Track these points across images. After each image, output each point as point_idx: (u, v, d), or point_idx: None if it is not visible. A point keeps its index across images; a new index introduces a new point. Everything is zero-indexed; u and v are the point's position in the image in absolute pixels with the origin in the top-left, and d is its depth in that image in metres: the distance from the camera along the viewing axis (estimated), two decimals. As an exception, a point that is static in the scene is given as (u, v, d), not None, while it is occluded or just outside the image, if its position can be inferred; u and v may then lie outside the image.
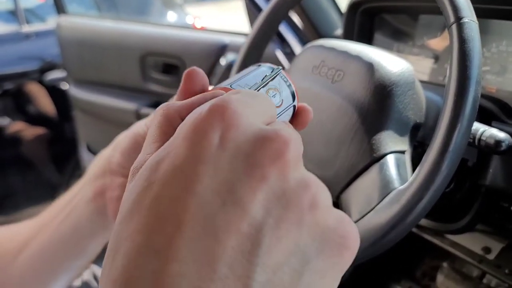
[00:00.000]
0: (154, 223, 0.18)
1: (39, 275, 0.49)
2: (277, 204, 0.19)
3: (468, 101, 0.42)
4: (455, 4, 0.44)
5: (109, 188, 0.44)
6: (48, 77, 1.73)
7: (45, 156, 1.94)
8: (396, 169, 0.49)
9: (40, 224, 0.49)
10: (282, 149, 0.19)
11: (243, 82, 0.33)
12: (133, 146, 0.42)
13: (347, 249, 0.20)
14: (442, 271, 0.90)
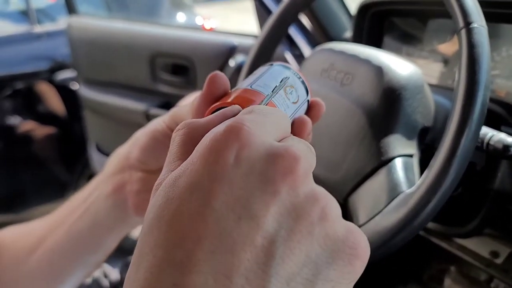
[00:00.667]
0: (174, 237, 0.19)
1: (56, 270, 0.50)
2: (288, 217, 0.20)
3: (477, 105, 0.42)
4: (465, 9, 0.45)
5: (129, 182, 0.45)
6: (58, 77, 1.75)
7: (55, 155, 1.96)
8: (404, 173, 0.49)
9: (56, 221, 0.51)
10: (292, 165, 0.20)
11: (262, 82, 0.34)
12: (151, 142, 0.43)
13: (358, 258, 0.21)
14: (450, 275, 0.90)
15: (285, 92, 0.34)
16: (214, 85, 0.33)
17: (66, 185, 1.94)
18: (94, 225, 0.48)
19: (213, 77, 0.33)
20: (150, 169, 0.45)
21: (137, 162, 0.45)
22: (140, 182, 0.45)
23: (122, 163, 0.46)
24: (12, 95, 1.76)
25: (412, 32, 0.78)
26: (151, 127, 0.44)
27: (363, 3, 0.79)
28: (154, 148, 0.43)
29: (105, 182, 0.47)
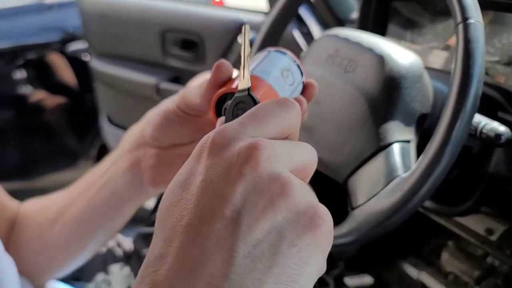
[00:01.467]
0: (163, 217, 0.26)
1: (77, 238, 0.55)
2: (253, 194, 0.24)
3: (469, 98, 0.45)
4: (463, 5, 0.47)
5: (144, 158, 0.50)
6: (69, 48, 1.77)
7: (66, 125, 2.00)
8: (401, 158, 0.52)
9: (76, 194, 0.55)
10: (254, 153, 0.25)
11: (262, 68, 0.38)
12: (163, 121, 0.47)
13: (317, 227, 0.24)
14: (447, 250, 0.94)
15: (282, 76, 0.38)
16: (219, 72, 0.38)
17: (77, 154, 1.99)
18: (113, 196, 0.53)
19: (219, 65, 0.38)
20: (162, 145, 0.49)
21: (151, 140, 0.49)
22: (155, 158, 0.49)
23: (137, 141, 0.50)
24: (24, 65, 1.79)
25: (415, 18, 0.80)
26: (163, 107, 0.48)
27: (369, -14, 0.80)
28: (166, 126, 0.47)
29: (122, 158, 0.52)
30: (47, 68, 1.84)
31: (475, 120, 0.54)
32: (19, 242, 0.57)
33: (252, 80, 0.35)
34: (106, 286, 0.72)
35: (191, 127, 0.47)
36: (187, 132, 0.47)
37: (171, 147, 0.49)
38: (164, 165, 0.49)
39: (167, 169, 0.49)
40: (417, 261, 0.99)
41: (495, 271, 0.85)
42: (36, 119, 1.90)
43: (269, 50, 0.41)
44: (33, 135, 1.91)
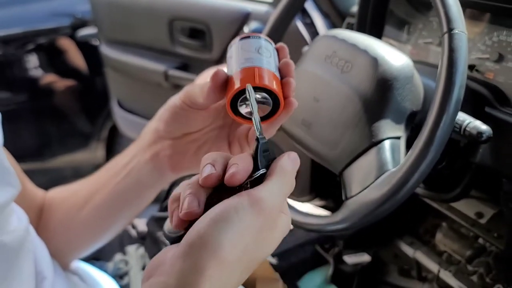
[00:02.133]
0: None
1: (102, 222, 0.63)
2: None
3: (452, 102, 0.50)
4: (449, 16, 0.51)
5: (161, 150, 0.58)
6: (79, 33, 1.81)
7: (77, 107, 2.05)
8: (391, 153, 0.58)
9: (100, 182, 0.63)
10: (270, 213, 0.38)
11: (243, 58, 0.44)
12: (172, 115, 0.55)
13: (276, 230, 0.40)
14: (441, 230, 0.99)
15: (260, 54, 0.45)
16: (217, 79, 0.44)
17: (88, 135, 2.05)
18: (137, 183, 0.61)
19: (215, 74, 0.45)
20: (175, 136, 0.56)
21: (164, 133, 0.56)
22: (171, 148, 0.57)
23: (153, 137, 0.58)
24: (35, 50, 1.84)
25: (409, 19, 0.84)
26: (170, 103, 0.55)
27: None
28: (175, 120, 0.55)
29: (142, 152, 0.59)
30: (58, 53, 1.88)
31: (459, 119, 0.59)
32: (48, 226, 0.64)
33: (245, 72, 0.42)
34: (124, 265, 0.79)
35: (197, 117, 0.54)
36: (194, 123, 0.55)
37: (182, 136, 0.56)
38: (180, 153, 0.57)
39: (183, 156, 0.57)
40: (413, 240, 1.04)
41: (486, 251, 0.91)
42: (49, 102, 1.95)
43: (234, 42, 0.48)
44: (46, 117, 1.97)
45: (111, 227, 0.65)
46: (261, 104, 0.42)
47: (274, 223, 0.37)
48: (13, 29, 1.76)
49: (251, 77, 0.41)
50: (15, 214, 0.51)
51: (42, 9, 1.85)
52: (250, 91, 0.39)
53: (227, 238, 0.34)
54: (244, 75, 0.42)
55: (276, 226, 0.38)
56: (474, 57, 0.73)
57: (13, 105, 1.86)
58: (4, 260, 0.45)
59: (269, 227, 0.37)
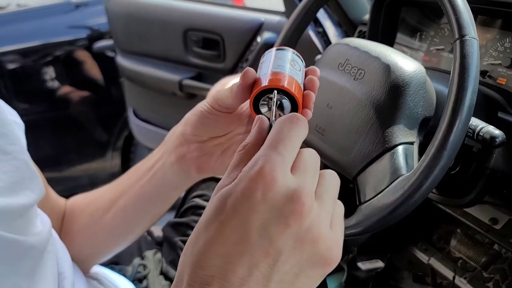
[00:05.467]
0: (218, 235, 0.33)
1: (128, 223, 0.66)
2: (292, 240, 0.32)
3: (464, 108, 0.51)
4: (460, 22, 0.52)
5: (188, 152, 0.60)
6: (96, 45, 1.85)
7: (93, 117, 2.09)
8: (404, 158, 0.58)
9: (125, 185, 0.66)
10: (301, 209, 0.32)
11: (276, 64, 0.48)
12: (200, 119, 0.57)
13: (329, 265, 0.34)
14: (456, 237, 0.99)
15: (292, 66, 0.48)
16: (247, 77, 0.47)
17: (105, 144, 2.08)
18: (163, 184, 0.63)
19: (246, 72, 0.48)
20: (202, 139, 0.59)
21: (192, 136, 0.59)
22: (197, 150, 0.60)
23: (180, 140, 0.60)
24: (52, 62, 1.88)
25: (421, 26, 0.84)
26: (198, 107, 0.58)
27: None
28: (203, 123, 0.57)
29: (168, 154, 0.62)
30: (75, 64, 1.93)
31: (472, 124, 0.59)
32: (71, 231, 0.66)
33: (275, 75, 0.46)
34: (142, 269, 0.80)
35: (224, 121, 0.57)
36: (221, 126, 0.57)
37: (209, 140, 0.59)
38: (206, 155, 0.60)
39: (209, 158, 0.60)
40: (427, 247, 1.04)
41: (501, 257, 0.90)
42: (65, 112, 2.00)
43: (272, 50, 0.52)
44: (63, 127, 2.01)
45: (135, 229, 0.67)
46: (280, 108, 0.45)
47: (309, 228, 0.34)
48: (31, 42, 1.81)
49: (278, 80, 0.45)
50: (39, 217, 0.53)
51: (60, 22, 1.90)
52: (274, 94, 0.42)
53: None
54: (273, 77, 0.46)
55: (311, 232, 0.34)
56: (486, 63, 0.74)
57: (31, 116, 1.90)
58: (32, 259, 0.47)
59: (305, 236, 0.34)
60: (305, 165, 0.35)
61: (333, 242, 0.34)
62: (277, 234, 0.32)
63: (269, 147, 0.34)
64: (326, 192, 0.35)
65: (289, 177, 0.33)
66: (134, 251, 0.84)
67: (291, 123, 0.36)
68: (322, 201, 0.34)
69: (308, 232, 0.32)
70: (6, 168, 0.48)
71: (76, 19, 1.91)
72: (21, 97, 1.87)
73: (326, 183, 0.36)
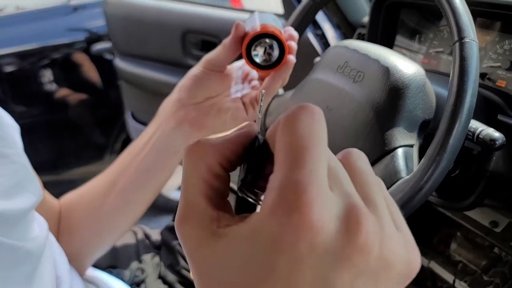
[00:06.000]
0: None
1: (131, 203, 0.68)
2: (361, 279, 0.22)
3: (464, 110, 0.50)
4: (459, 25, 0.52)
5: (186, 114, 0.63)
6: (94, 48, 1.85)
7: (91, 120, 2.08)
8: (404, 161, 0.58)
9: (123, 165, 0.67)
10: (366, 241, 0.21)
11: (262, 20, 0.56)
12: (195, 82, 0.62)
13: (411, 277, 0.24)
14: (456, 240, 0.99)
15: (275, 22, 0.56)
16: (238, 29, 0.54)
17: (103, 147, 2.08)
18: (163, 153, 0.65)
19: (237, 25, 0.55)
20: (198, 101, 0.63)
21: (188, 99, 0.62)
22: (195, 111, 0.63)
23: (176, 106, 0.63)
24: (50, 65, 1.88)
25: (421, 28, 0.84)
26: (191, 72, 0.63)
27: (379, -5, 0.85)
28: (197, 85, 0.61)
29: (166, 122, 0.64)
30: (73, 67, 1.92)
31: (472, 126, 0.59)
32: (69, 227, 0.66)
33: (263, 25, 0.54)
34: (140, 273, 0.80)
35: (217, 81, 0.61)
36: (214, 86, 0.62)
37: (204, 100, 0.63)
38: (203, 114, 0.63)
39: (206, 116, 0.63)
40: (427, 250, 1.04)
41: (501, 261, 0.90)
42: (63, 115, 1.99)
43: (255, 12, 0.61)
44: (60, 130, 2.00)
45: (138, 207, 0.69)
46: (269, 55, 0.54)
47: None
48: (29, 44, 1.80)
49: (267, 27, 0.53)
50: (36, 221, 0.52)
51: (58, 25, 1.90)
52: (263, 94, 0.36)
53: None
54: (262, 27, 0.53)
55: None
56: (486, 66, 0.73)
57: (28, 119, 1.89)
58: (29, 264, 0.47)
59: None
60: (334, 167, 0.24)
61: (408, 247, 0.24)
62: (342, 281, 0.21)
63: (292, 164, 0.22)
64: (369, 187, 0.24)
65: (334, 202, 0.22)
66: (132, 254, 0.83)
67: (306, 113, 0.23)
68: (374, 205, 0.23)
69: (380, 259, 0.22)
70: (5, 171, 0.47)
71: (74, 22, 1.91)
72: (18, 100, 1.86)
73: (359, 169, 0.25)
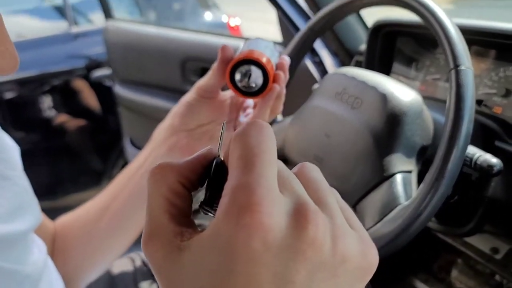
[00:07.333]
0: None
1: (125, 224, 0.67)
2: (318, 271, 0.23)
3: (461, 136, 0.51)
4: (455, 53, 0.53)
5: (178, 141, 0.63)
6: (94, 74, 1.87)
7: (90, 146, 2.09)
8: (403, 187, 0.58)
9: (116, 189, 0.67)
10: (315, 234, 0.23)
11: (253, 46, 0.55)
12: (187, 108, 0.61)
13: (370, 273, 0.25)
14: (457, 267, 0.98)
15: (266, 48, 0.56)
16: (226, 52, 0.54)
17: (101, 174, 2.07)
18: None
19: (223, 47, 0.54)
20: (190, 128, 0.62)
21: (180, 126, 0.62)
22: (187, 137, 0.62)
23: (169, 132, 0.63)
24: (49, 91, 1.89)
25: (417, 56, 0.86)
26: (183, 99, 0.62)
27: (375, 23, 0.87)
28: (189, 111, 0.61)
29: (158, 147, 0.64)
30: (72, 93, 1.94)
31: (470, 152, 0.60)
32: (63, 249, 0.65)
33: (250, 51, 0.53)
34: (137, 302, 0.79)
35: (208, 108, 0.61)
36: (206, 113, 0.62)
37: (196, 127, 0.63)
38: (195, 141, 0.63)
39: (198, 143, 0.63)
40: (428, 277, 1.03)
41: (503, 288, 0.89)
42: (62, 141, 2.00)
43: (250, 37, 0.60)
44: (59, 156, 2.01)
45: (131, 230, 0.68)
46: (253, 81, 0.53)
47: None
48: (29, 71, 1.82)
49: (252, 53, 0.52)
50: (35, 244, 0.52)
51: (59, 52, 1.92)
52: (224, 123, 0.31)
53: None
54: (248, 52, 0.52)
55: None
56: (482, 92, 0.74)
57: (27, 144, 1.90)
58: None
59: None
60: (284, 173, 0.25)
61: (363, 243, 0.25)
62: (297, 274, 0.22)
63: (243, 170, 0.23)
64: (321, 192, 0.25)
65: (283, 201, 0.23)
66: (129, 282, 0.82)
67: (256, 126, 0.25)
68: (326, 205, 0.25)
69: (335, 254, 0.23)
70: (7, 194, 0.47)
71: (75, 49, 1.94)
72: (17, 126, 1.87)
73: (312, 178, 0.26)
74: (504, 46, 0.71)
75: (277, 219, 0.22)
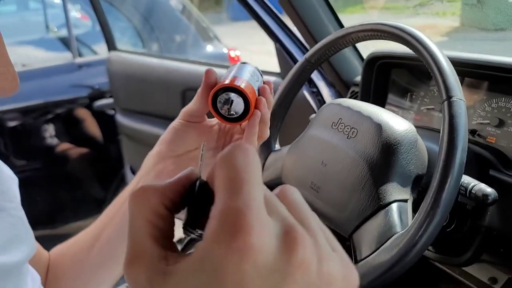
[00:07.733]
0: None
1: (115, 253, 0.66)
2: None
3: (455, 166, 0.52)
4: (447, 84, 0.55)
5: (165, 167, 0.62)
6: (96, 104, 1.89)
7: (91, 174, 2.09)
8: (399, 216, 0.59)
9: (107, 217, 0.66)
10: (305, 256, 0.23)
11: (238, 73, 0.55)
12: (175, 134, 0.61)
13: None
14: (456, 297, 0.97)
15: (251, 76, 0.56)
16: (210, 77, 0.54)
17: (102, 201, 2.07)
18: None
19: (208, 72, 0.54)
20: (178, 154, 0.62)
21: (167, 152, 0.62)
22: (174, 164, 0.62)
23: (156, 158, 0.63)
24: (52, 120, 1.92)
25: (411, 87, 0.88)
26: (171, 126, 0.62)
27: (370, 56, 0.89)
28: (177, 137, 0.61)
29: (146, 174, 0.63)
30: (75, 122, 1.96)
31: (464, 181, 0.61)
32: (56, 278, 0.65)
33: (233, 78, 0.53)
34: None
35: (195, 133, 0.61)
36: (193, 138, 0.61)
37: (184, 153, 0.62)
38: (182, 168, 0.61)
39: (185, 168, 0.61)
40: (428, 308, 1.02)
41: (504, 319, 0.88)
42: (63, 169, 2.00)
43: (237, 63, 0.60)
44: (59, 184, 2.01)
45: (123, 258, 0.66)
46: (235, 108, 0.53)
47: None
48: (33, 100, 1.85)
49: (235, 81, 0.53)
50: (29, 275, 0.52)
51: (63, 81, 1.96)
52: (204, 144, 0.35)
53: None
54: (231, 80, 0.53)
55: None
56: (475, 123, 0.76)
57: (28, 172, 1.91)
58: None
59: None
60: (269, 196, 0.26)
61: (345, 265, 0.25)
62: None
63: (230, 192, 0.23)
64: (303, 214, 0.26)
65: (272, 224, 0.23)
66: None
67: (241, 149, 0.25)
68: (309, 227, 0.25)
69: (322, 276, 0.24)
70: (2, 225, 0.48)
71: (78, 79, 1.97)
72: (19, 154, 1.89)
73: (294, 200, 0.27)
74: (496, 78, 0.73)
75: (268, 241, 0.22)
